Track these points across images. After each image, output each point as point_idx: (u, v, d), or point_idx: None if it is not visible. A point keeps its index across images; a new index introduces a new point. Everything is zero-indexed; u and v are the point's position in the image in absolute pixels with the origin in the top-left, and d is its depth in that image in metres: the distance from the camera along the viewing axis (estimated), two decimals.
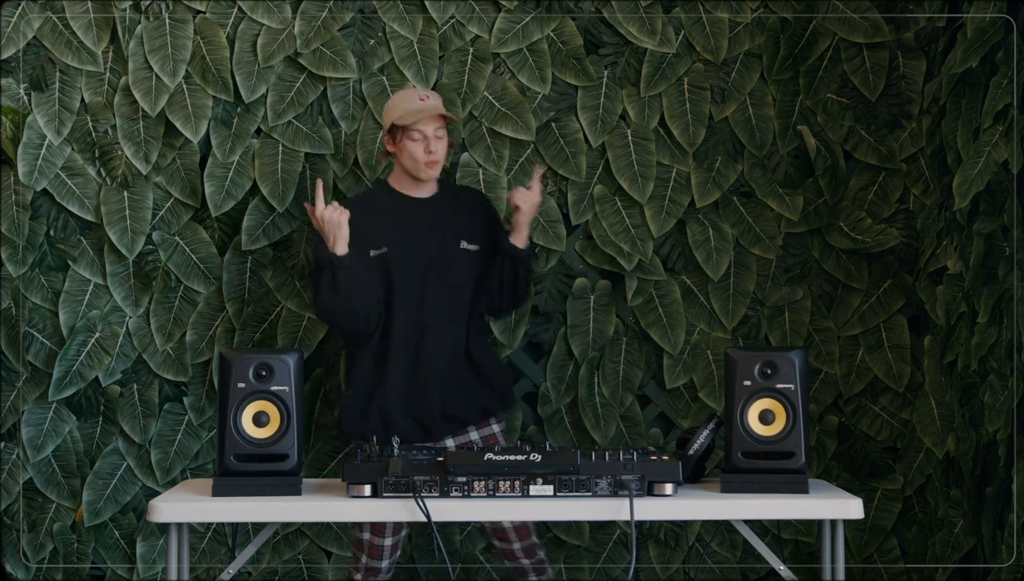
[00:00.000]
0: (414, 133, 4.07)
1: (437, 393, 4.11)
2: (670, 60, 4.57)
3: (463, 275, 4.15)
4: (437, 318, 4.12)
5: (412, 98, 4.10)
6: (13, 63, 4.51)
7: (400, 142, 4.10)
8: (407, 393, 4.09)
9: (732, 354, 3.47)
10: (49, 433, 4.54)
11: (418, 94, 4.12)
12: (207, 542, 4.57)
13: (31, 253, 4.53)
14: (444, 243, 4.14)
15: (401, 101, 4.12)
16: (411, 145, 4.08)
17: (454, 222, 4.17)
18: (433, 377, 4.10)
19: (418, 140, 4.07)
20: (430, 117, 4.06)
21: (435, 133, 4.08)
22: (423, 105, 4.07)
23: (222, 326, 4.56)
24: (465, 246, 4.16)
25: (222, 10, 4.54)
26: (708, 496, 3.45)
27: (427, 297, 4.11)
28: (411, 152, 4.09)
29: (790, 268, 4.61)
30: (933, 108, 4.49)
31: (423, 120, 4.05)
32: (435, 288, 4.12)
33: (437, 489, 3.36)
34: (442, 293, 4.12)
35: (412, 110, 4.06)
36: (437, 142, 4.09)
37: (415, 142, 4.07)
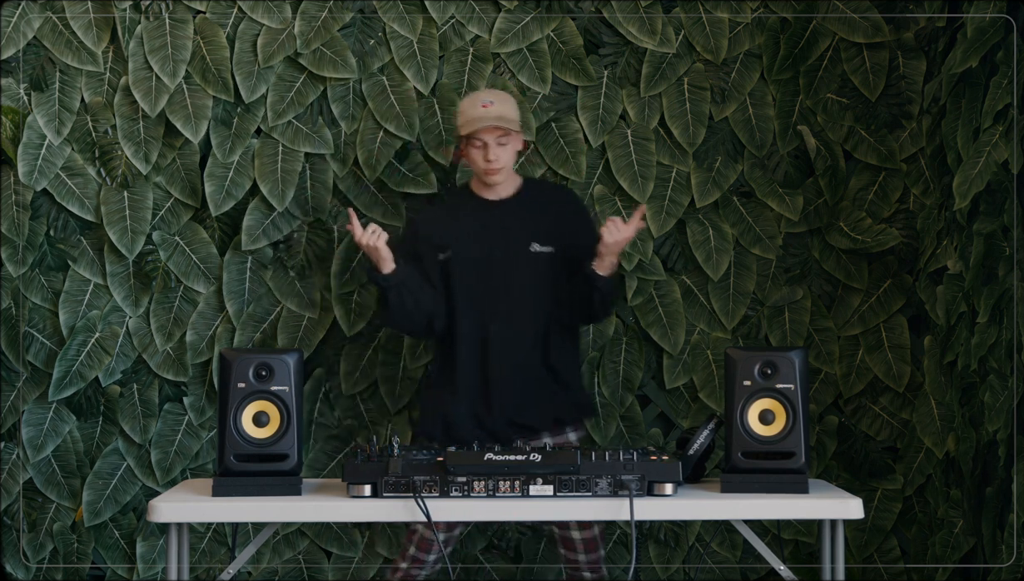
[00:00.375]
0: (475, 140, 4.03)
1: (503, 400, 4.02)
2: (670, 60, 4.57)
3: (533, 278, 4.06)
4: (502, 322, 4.04)
5: (476, 104, 4.05)
6: (13, 63, 4.51)
7: (465, 148, 4.07)
8: (472, 399, 4.02)
9: (732, 354, 3.47)
10: (49, 433, 4.54)
11: (482, 100, 4.06)
12: (207, 542, 4.57)
13: (31, 253, 4.53)
14: (510, 245, 4.07)
15: (466, 107, 4.08)
16: (473, 152, 4.05)
17: (527, 223, 4.09)
18: (500, 383, 4.02)
19: (479, 147, 4.03)
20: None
21: (496, 140, 4.02)
22: (482, 114, 4.01)
23: (222, 326, 4.56)
24: (537, 249, 4.07)
25: (222, 10, 4.54)
26: (708, 496, 3.45)
27: (490, 301, 4.05)
28: (473, 159, 4.06)
29: (790, 268, 4.61)
30: (933, 108, 4.49)
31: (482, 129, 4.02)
32: (499, 292, 4.05)
33: (437, 489, 3.36)
34: (507, 297, 4.05)
35: (472, 118, 4.02)
36: (498, 149, 4.02)
37: (476, 149, 4.04)
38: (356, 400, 4.58)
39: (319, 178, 4.55)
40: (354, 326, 4.53)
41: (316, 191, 4.55)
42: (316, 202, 4.55)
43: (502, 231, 4.08)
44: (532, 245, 4.07)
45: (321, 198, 4.55)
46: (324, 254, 4.55)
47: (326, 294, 4.56)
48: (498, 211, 4.11)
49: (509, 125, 4.03)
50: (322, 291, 4.56)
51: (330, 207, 4.57)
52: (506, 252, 4.06)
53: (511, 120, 4.06)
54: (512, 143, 4.06)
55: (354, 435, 4.57)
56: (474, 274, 4.06)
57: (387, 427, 4.57)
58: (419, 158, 4.55)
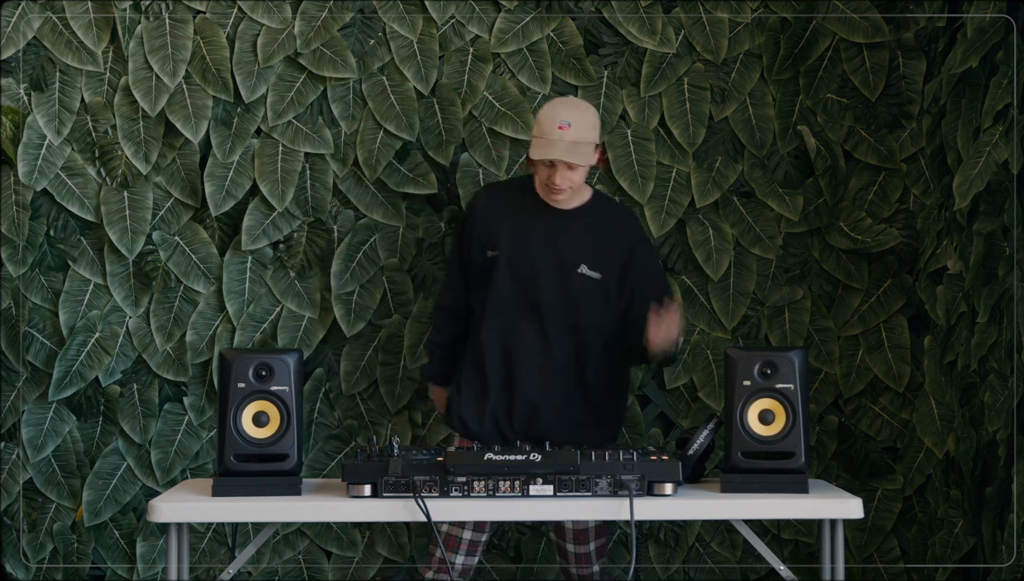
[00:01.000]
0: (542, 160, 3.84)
1: (523, 414, 3.90)
2: (670, 60, 4.57)
3: (575, 299, 3.89)
4: (532, 335, 3.89)
5: (553, 123, 3.81)
6: (13, 63, 4.51)
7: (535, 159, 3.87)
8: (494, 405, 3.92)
9: (732, 354, 3.47)
10: (49, 433, 4.54)
11: (560, 119, 3.81)
12: (207, 542, 4.57)
13: (31, 253, 4.53)
14: (558, 263, 3.90)
15: (543, 120, 3.84)
16: (540, 168, 3.87)
17: (582, 244, 3.91)
18: (521, 394, 3.90)
19: (546, 165, 3.84)
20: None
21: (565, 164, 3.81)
22: (556, 138, 3.78)
23: (222, 326, 4.56)
24: (585, 272, 3.90)
25: (222, 10, 4.54)
26: (708, 496, 3.45)
27: (526, 313, 3.90)
28: (539, 174, 3.88)
29: (790, 268, 4.61)
30: (933, 108, 4.49)
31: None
32: (537, 308, 3.89)
33: (437, 489, 3.36)
34: (544, 312, 3.89)
35: (545, 141, 3.80)
36: (567, 172, 3.82)
37: (544, 167, 3.85)
38: (356, 400, 4.58)
39: (319, 178, 4.55)
40: (354, 326, 4.53)
41: (316, 191, 4.55)
42: (316, 202, 4.55)
43: (554, 246, 3.91)
44: (581, 266, 3.90)
45: (321, 198, 4.55)
46: (324, 254, 4.55)
47: (326, 294, 4.56)
48: (556, 222, 3.92)
49: (578, 159, 3.79)
50: (322, 291, 4.56)
51: (330, 207, 4.57)
52: (553, 269, 3.90)
53: (586, 147, 3.82)
54: (582, 167, 3.84)
55: (354, 435, 4.57)
56: (516, 283, 3.91)
57: (387, 427, 4.57)
58: (419, 158, 4.55)
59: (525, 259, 3.92)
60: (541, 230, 3.93)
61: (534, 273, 3.91)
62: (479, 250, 3.97)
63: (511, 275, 3.92)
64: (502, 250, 3.93)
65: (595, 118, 3.89)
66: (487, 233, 3.97)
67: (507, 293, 3.92)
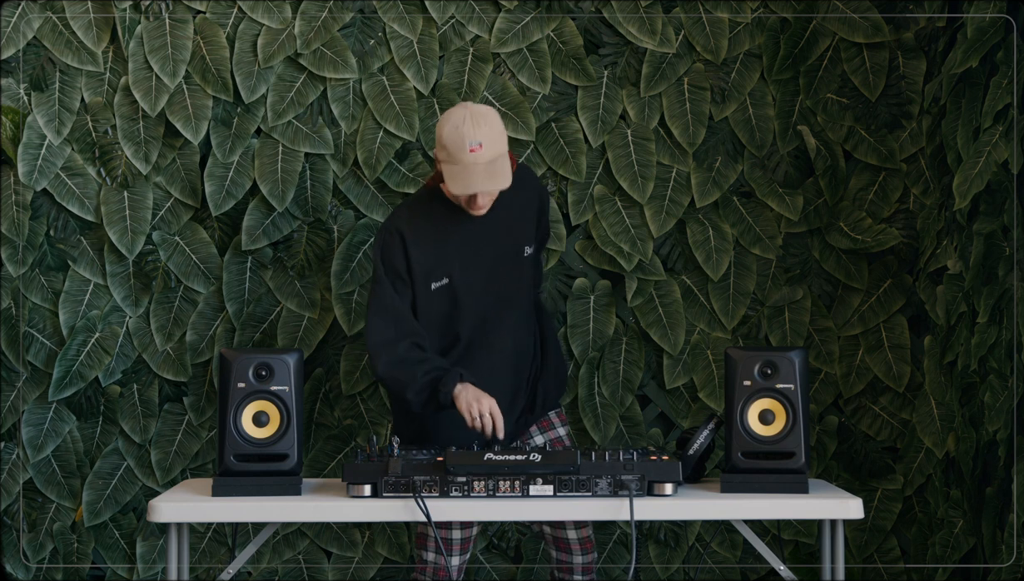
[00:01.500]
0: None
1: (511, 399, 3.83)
2: (670, 60, 4.57)
3: (525, 279, 3.88)
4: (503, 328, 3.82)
5: (462, 145, 3.60)
6: (13, 63, 4.51)
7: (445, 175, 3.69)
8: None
9: (732, 354, 3.47)
10: (49, 433, 4.54)
11: (468, 141, 3.59)
12: (207, 542, 4.57)
13: (31, 253, 4.53)
14: (507, 256, 3.83)
15: (451, 143, 3.63)
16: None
17: (514, 229, 3.84)
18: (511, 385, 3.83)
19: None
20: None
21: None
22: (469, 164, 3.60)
23: (222, 326, 4.56)
24: (528, 252, 3.87)
25: (222, 10, 4.54)
26: (708, 496, 3.45)
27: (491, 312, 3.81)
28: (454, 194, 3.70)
29: (790, 268, 4.61)
30: (933, 108, 4.49)
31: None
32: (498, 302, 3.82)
33: (437, 489, 3.36)
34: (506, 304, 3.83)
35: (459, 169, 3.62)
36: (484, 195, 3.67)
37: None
38: (356, 400, 4.58)
39: (319, 178, 4.56)
40: (354, 326, 4.53)
41: (316, 191, 4.55)
42: (316, 202, 4.55)
43: (498, 245, 3.82)
44: (525, 249, 3.87)
45: (321, 198, 4.55)
46: (324, 254, 4.55)
47: (326, 294, 4.56)
48: (490, 223, 3.79)
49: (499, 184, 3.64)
50: (322, 291, 4.56)
51: (330, 207, 4.57)
52: (503, 263, 3.83)
53: (502, 161, 3.65)
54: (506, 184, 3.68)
55: (354, 435, 4.57)
56: (475, 294, 3.80)
57: (387, 427, 4.57)
58: (419, 158, 4.55)
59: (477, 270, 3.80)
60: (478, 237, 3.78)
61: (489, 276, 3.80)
62: (423, 285, 3.76)
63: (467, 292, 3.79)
64: (453, 278, 3.77)
65: (500, 123, 3.69)
66: (425, 266, 3.76)
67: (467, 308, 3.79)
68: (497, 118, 3.70)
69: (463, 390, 3.63)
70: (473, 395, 3.62)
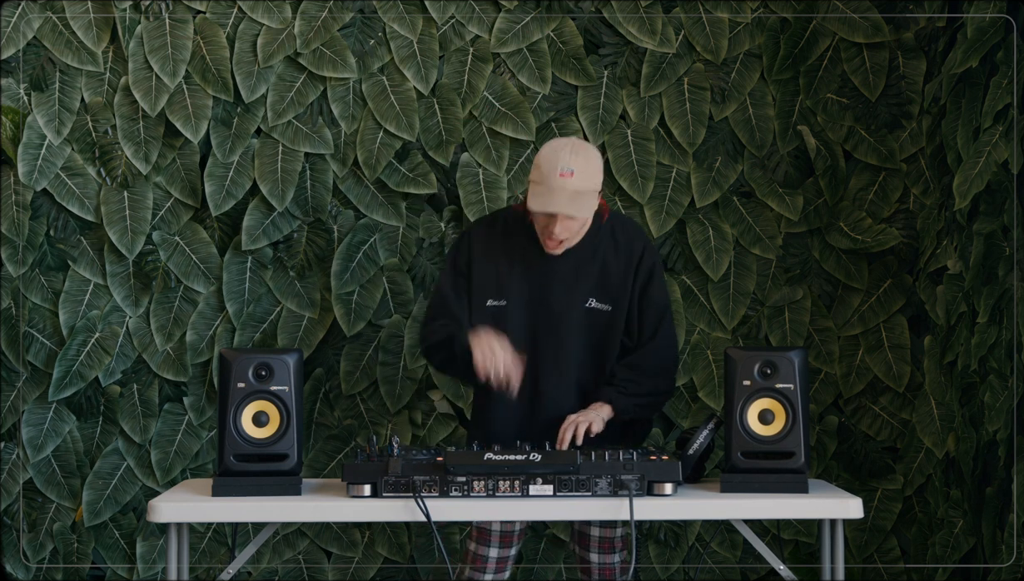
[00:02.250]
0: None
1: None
2: (670, 60, 4.57)
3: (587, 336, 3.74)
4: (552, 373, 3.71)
5: (554, 169, 3.57)
6: (13, 63, 4.51)
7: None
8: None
9: (732, 354, 3.47)
10: (49, 433, 4.54)
11: (561, 166, 3.57)
12: (207, 542, 4.57)
13: (31, 253, 4.53)
14: (567, 301, 3.72)
15: (544, 164, 3.60)
16: (537, 215, 3.65)
17: (588, 277, 3.73)
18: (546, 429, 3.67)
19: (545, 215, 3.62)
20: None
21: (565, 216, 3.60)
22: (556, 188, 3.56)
23: (222, 326, 4.57)
24: (594, 305, 3.74)
25: (222, 10, 4.54)
26: (708, 496, 3.44)
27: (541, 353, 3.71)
28: (536, 221, 3.67)
29: (790, 268, 4.61)
30: (933, 108, 4.49)
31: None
32: (551, 345, 3.72)
33: (437, 489, 3.36)
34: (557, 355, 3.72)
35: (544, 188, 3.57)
36: (566, 221, 3.60)
37: (542, 216, 3.63)
38: (356, 400, 4.58)
39: (319, 178, 4.56)
40: (354, 326, 4.54)
41: (316, 191, 4.55)
42: (316, 202, 4.55)
43: (561, 286, 3.72)
44: (589, 301, 3.73)
45: (321, 198, 4.55)
46: (324, 254, 4.55)
47: (326, 294, 4.56)
48: (564, 263, 3.72)
49: (580, 211, 3.59)
50: (322, 291, 4.56)
51: (330, 207, 4.57)
52: (563, 307, 3.72)
53: (589, 197, 3.61)
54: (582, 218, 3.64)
55: (354, 435, 4.57)
56: (527, 327, 3.72)
57: (387, 427, 4.57)
58: (419, 158, 4.55)
59: (536, 306, 3.74)
60: (546, 272, 3.73)
61: (546, 317, 3.73)
62: (478, 297, 3.75)
63: (522, 323, 3.73)
64: (510, 302, 3.73)
65: (599, 162, 3.67)
66: (485, 281, 3.75)
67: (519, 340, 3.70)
68: (597, 157, 3.68)
69: (479, 334, 3.60)
70: (487, 343, 3.58)
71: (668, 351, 3.82)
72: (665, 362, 3.81)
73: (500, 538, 3.88)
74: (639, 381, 3.74)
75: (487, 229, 3.82)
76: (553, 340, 3.73)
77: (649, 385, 3.76)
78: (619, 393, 3.72)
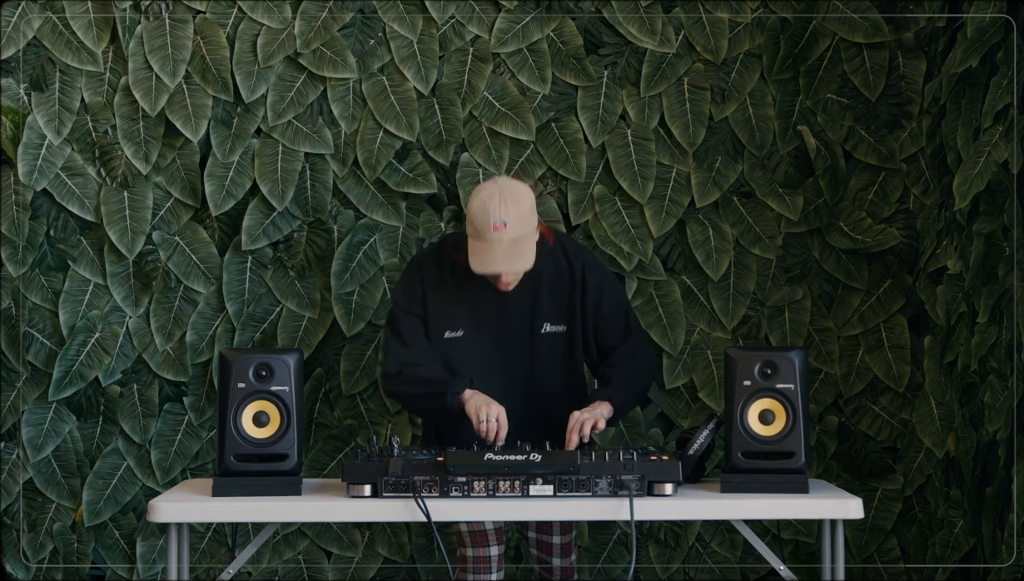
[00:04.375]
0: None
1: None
2: (670, 60, 4.57)
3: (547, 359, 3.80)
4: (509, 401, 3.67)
5: (487, 224, 3.58)
6: (13, 63, 4.51)
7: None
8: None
9: (732, 354, 3.47)
10: (49, 433, 4.54)
11: (493, 219, 3.58)
12: (207, 542, 4.57)
13: (31, 253, 4.53)
14: (521, 328, 3.78)
15: (477, 217, 3.61)
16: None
17: (539, 301, 3.78)
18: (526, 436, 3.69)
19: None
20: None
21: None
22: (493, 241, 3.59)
23: (222, 326, 4.57)
24: (549, 330, 3.79)
25: (222, 10, 4.54)
26: (708, 496, 3.45)
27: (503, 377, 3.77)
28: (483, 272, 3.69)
29: (790, 268, 4.61)
30: (933, 108, 4.49)
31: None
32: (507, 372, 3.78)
33: (437, 489, 3.36)
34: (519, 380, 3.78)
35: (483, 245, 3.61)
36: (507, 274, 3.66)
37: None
38: (356, 400, 4.58)
39: (319, 178, 4.56)
40: (354, 326, 4.54)
41: (316, 191, 4.55)
42: (316, 202, 4.55)
43: (515, 313, 3.77)
44: (544, 326, 3.79)
45: (321, 198, 4.55)
46: (324, 254, 4.55)
47: (326, 294, 4.56)
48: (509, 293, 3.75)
49: (523, 262, 3.64)
50: (322, 291, 4.56)
51: (330, 207, 4.57)
52: (519, 335, 3.78)
53: (527, 241, 3.64)
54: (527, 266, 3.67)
55: (354, 435, 4.57)
56: (487, 356, 3.77)
57: (387, 427, 4.57)
58: (419, 158, 4.55)
59: (493, 335, 3.78)
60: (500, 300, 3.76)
61: (501, 346, 3.78)
62: (436, 330, 3.77)
63: (476, 354, 3.77)
64: (466, 332, 3.77)
65: (530, 201, 3.67)
66: (440, 313, 3.77)
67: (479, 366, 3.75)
68: (528, 196, 3.68)
69: (473, 395, 3.64)
70: (483, 400, 3.62)
71: (644, 344, 3.94)
72: (646, 356, 3.93)
73: (495, 536, 3.91)
74: (632, 376, 3.83)
75: (435, 259, 3.83)
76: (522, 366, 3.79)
77: (640, 378, 3.87)
78: (617, 390, 3.77)
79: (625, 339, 3.86)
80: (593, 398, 3.76)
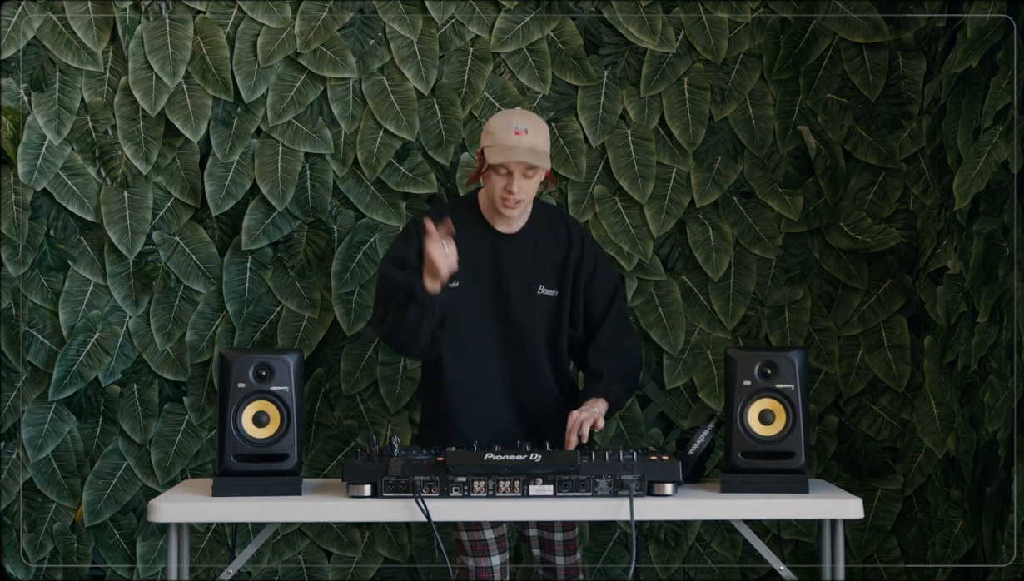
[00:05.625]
0: (500, 167, 3.70)
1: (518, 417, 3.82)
2: (670, 60, 4.57)
3: (537, 321, 3.82)
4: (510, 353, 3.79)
5: (509, 129, 3.71)
6: (13, 63, 4.51)
7: (486, 171, 3.74)
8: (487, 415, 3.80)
9: (732, 354, 3.47)
10: (49, 433, 4.54)
11: (515, 125, 3.72)
12: (207, 542, 4.57)
13: (31, 253, 4.53)
14: (520, 286, 3.81)
15: (497, 129, 3.73)
16: (495, 178, 3.72)
17: (535, 264, 3.83)
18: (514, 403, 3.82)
19: (503, 175, 3.70)
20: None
21: (523, 172, 3.70)
22: (515, 143, 3.68)
23: (222, 326, 4.57)
24: (543, 291, 3.83)
25: (222, 10, 4.54)
26: (708, 496, 3.45)
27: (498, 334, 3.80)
28: (492, 185, 3.73)
29: (790, 268, 4.61)
30: (933, 108, 4.49)
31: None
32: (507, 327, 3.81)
33: (437, 489, 3.36)
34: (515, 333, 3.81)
35: (503, 146, 3.69)
36: (523, 181, 3.70)
37: (500, 176, 3.71)
38: (356, 400, 4.58)
39: (319, 178, 4.56)
40: (354, 326, 4.54)
41: (316, 191, 4.55)
42: (316, 202, 4.56)
43: (513, 271, 3.82)
44: (539, 287, 3.82)
45: (321, 198, 4.55)
46: (324, 254, 4.55)
47: (326, 294, 4.56)
48: (512, 247, 3.83)
49: (541, 162, 3.69)
50: (322, 291, 4.56)
51: (330, 207, 4.57)
52: (515, 293, 3.81)
53: (543, 153, 3.73)
54: (538, 175, 3.74)
55: (354, 435, 4.57)
56: (480, 309, 3.80)
57: (387, 427, 4.57)
58: (419, 158, 4.55)
59: (489, 289, 3.81)
60: (498, 257, 3.82)
61: (499, 301, 3.80)
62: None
63: (476, 305, 3.80)
64: (463, 284, 3.77)
65: (547, 131, 3.80)
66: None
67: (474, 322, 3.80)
68: (544, 123, 3.82)
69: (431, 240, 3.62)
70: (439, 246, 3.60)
71: (631, 331, 3.97)
72: (633, 343, 3.95)
73: (497, 545, 3.91)
74: (623, 368, 3.86)
75: (437, 216, 3.80)
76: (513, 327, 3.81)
77: (631, 368, 3.90)
78: (610, 384, 3.79)
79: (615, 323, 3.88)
80: (588, 395, 3.78)
